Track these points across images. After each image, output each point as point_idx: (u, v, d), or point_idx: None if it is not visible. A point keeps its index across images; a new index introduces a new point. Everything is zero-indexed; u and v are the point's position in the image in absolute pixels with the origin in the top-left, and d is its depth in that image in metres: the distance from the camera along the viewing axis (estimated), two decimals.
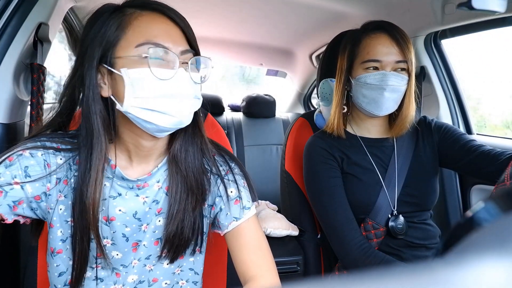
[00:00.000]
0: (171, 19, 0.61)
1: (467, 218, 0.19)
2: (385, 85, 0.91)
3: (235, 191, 0.73)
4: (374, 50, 0.93)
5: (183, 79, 0.60)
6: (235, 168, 0.75)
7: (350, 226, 0.94)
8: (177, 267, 0.74)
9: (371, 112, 0.96)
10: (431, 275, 0.15)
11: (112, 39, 0.58)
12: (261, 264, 0.69)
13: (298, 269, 1.19)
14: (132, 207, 0.67)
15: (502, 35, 1.38)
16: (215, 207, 0.73)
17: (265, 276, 0.67)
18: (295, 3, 1.46)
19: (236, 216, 0.71)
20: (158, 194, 0.69)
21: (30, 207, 0.63)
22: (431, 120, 1.06)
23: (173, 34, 0.61)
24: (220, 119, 2.35)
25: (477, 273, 0.14)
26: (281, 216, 1.32)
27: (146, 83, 0.58)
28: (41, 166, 0.62)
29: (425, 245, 0.98)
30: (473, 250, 0.17)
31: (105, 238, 0.67)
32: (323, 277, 1.17)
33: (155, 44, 0.58)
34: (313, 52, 2.11)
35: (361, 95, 0.96)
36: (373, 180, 0.99)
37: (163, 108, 0.59)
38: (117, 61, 0.58)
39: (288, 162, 1.28)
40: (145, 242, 0.69)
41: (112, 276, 0.69)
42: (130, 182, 0.67)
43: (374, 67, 0.93)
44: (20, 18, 0.87)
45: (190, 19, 1.04)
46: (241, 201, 0.72)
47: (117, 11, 0.60)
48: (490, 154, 0.90)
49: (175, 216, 0.67)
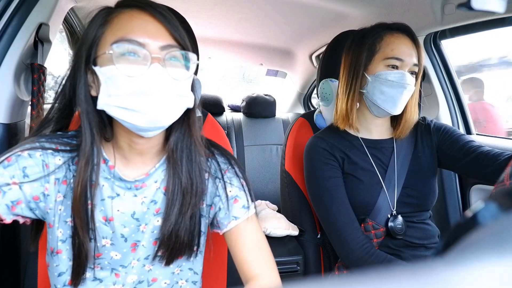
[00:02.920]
0: (151, 14, 0.59)
1: (467, 218, 0.19)
2: (405, 83, 0.92)
3: (234, 190, 0.72)
4: (398, 49, 0.92)
5: (157, 75, 0.57)
6: (234, 167, 0.75)
7: (352, 226, 0.94)
8: (176, 267, 0.74)
9: (386, 109, 0.95)
10: (430, 275, 0.15)
11: (94, 38, 0.59)
12: (262, 263, 0.69)
13: (298, 269, 1.19)
14: (130, 208, 0.67)
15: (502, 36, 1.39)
16: (214, 207, 0.73)
17: (266, 275, 0.67)
18: (295, 3, 1.47)
19: (235, 215, 0.71)
20: (156, 194, 0.69)
21: (29, 207, 0.63)
22: (430, 121, 1.06)
23: (150, 29, 0.58)
24: (220, 119, 2.35)
25: (477, 273, 0.15)
26: (281, 216, 1.32)
27: (117, 81, 0.56)
28: (40, 167, 0.62)
29: (424, 245, 0.98)
30: (473, 250, 0.17)
31: (104, 238, 0.67)
32: (323, 277, 1.17)
33: (128, 40, 0.56)
34: (313, 52, 2.11)
35: (379, 92, 0.94)
36: (373, 181, 0.99)
37: (134, 106, 0.56)
38: (97, 60, 0.59)
39: (288, 162, 1.28)
40: (144, 242, 0.69)
41: (112, 277, 0.69)
42: (128, 183, 0.67)
43: (395, 65, 0.93)
44: (20, 19, 0.87)
45: (190, 19, 1.04)
46: (240, 200, 0.72)
47: (102, 11, 0.61)
48: (489, 154, 0.90)
49: (172, 217, 0.66)
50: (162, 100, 0.58)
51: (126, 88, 0.56)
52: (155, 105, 0.58)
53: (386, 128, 1.05)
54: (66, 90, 0.64)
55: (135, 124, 0.58)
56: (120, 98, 0.57)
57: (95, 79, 0.60)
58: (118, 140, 0.65)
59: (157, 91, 0.57)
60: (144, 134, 0.62)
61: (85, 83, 0.60)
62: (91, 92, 0.61)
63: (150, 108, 0.57)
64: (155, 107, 0.58)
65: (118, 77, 0.56)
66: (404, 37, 0.94)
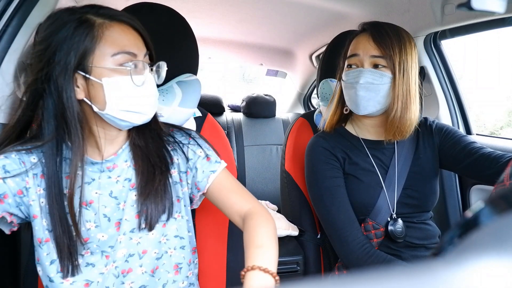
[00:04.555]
0: (134, 28, 0.69)
1: (467, 218, 0.19)
2: (356, 83, 0.92)
3: (202, 151, 0.81)
4: (353, 47, 0.96)
5: (152, 81, 0.71)
6: (195, 136, 0.84)
7: (352, 226, 0.94)
8: (162, 236, 0.77)
9: (353, 111, 0.97)
10: (430, 275, 0.15)
11: (87, 48, 0.64)
12: (249, 201, 0.79)
13: (298, 269, 1.19)
14: (107, 187, 0.74)
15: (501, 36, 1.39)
16: (190, 171, 0.81)
17: (258, 208, 0.77)
18: (295, 3, 1.47)
19: (211, 169, 0.80)
20: (128, 172, 0.76)
21: (16, 203, 0.68)
22: (432, 121, 1.06)
23: (138, 42, 0.69)
24: (220, 119, 2.35)
25: (477, 273, 0.15)
26: (281, 216, 1.32)
27: (125, 89, 0.67)
28: (17, 164, 0.68)
29: (424, 245, 0.98)
30: (473, 250, 0.17)
31: (88, 221, 0.72)
32: (323, 277, 1.17)
33: (128, 53, 0.66)
34: (313, 52, 2.11)
35: (346, 94, 0.98)
36: (373, 181, 0.99)
37: (138, 108, 0.69)
38: (95, 69, 0.65)
39: (288, 162, 1.28)
40: (127, 216, 0.74)
41: (103, 259, 0.73)
42: (100, 165, 0.73)
43: (355, 64, 0.94)
44: (20, 19, 0.87)
45: (190, 19, 1.04)
46: (212, 157, 0.81)
47: (85, 22, 0.65)
48: (490, 156, 0.90)
49: (145, 188, 0.74)
50: (155, 100, 0.73)
51: (134, 94, 0.68)
52: (152, 106, 0.72)
53: (383, 128, 1.04)
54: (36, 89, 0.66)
55: (133, 123, 0.70)
56: (126, 103, 0.67)
57: (81, 84, 0.66)
58: (91, 134, 0.72)
59: (153, 94, 0.71)
60: (124, 128, 0.73)
61: (73, 88, 0.65)
62: (77, 95, 0.66)
63: (149, 109, 0.71)
64: (152, 108, 0.72)
65: (127, 86, 0.67)
66: (364, 35, 0.94)
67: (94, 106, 0.67)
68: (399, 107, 0.91)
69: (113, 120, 0.69)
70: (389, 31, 0.92)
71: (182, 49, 1.02)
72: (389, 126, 0.94)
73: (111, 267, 0.73)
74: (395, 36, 0.91)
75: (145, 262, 0.75)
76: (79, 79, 0.66)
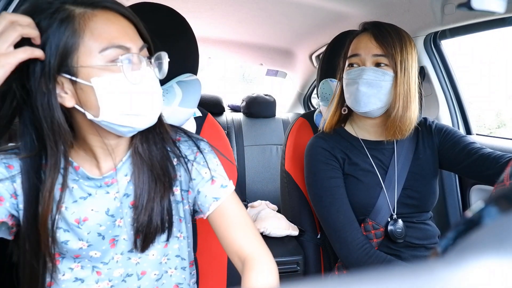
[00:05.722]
0: (124, 15, 0.58)
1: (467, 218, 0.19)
2: (359, 78, 0.92)
3: (208, 171, 0.71)
4: (354, 46, 0.96)
5: (151, 77, 0.60)
6: (204, 148, 0.74)
7: (352, 227, 0.94)
8: (163, 256, 0.74)
9: (353, 108, 0.97)
10: (430, 275, 0.15)
11: (69, 46, 0.53)
12: (251, 241, 0.68)
13: (298, 269, 1.19)
14: (104, 205, 0.67)
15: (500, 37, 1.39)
16: (192, 191, 0.72)
17: (260, 253, 0.67)
18: (295, 3, 1.47)
19: (215, 196, 0.70)
20: (128, 188, 0.68)
21: (13, 205, 0.63)
22: (432, 122, 1.06)
23: (129, 32, 0.58)
24: (220, 119, 2.35)
25: (477, 272, 0.15)
26: (281, 216, 1.32)
27: (120, 90, 0.56)
28: (3, 167, 0.62)
29: (424, 245, 0.98)
30: (473, 249, 0.17)
31: (80, 240, 0.66)
32: (323, 277, 1.17)
33: (118, 46, 0.55)
34: (313, 52, 2.11)
35: (346, 92, 0.98)
36: (373, 182, 0.99)
37: (138, 110, 0.58)
38: (81, 70, 0.54)
39: (288, 162, 1.28)
40: (125, 236, 0.69)
41: (93, 275, 0.68)
42: (97, 181, 0.66)
43: (356, 63, 0.95)
44: None
45: (190, 19, 1.04)
46: (217, 180, 0.72)
47: (61, 12, 0.54)
48: (490, 157, 0.90)
49: (145, 206, 0.66)
50: (158, 99, 0.61)
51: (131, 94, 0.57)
52: (154, 106, 0.61)
53: (383, 128, 1.04)
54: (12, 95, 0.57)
55: (135, 127, 0.60)
56: (123, 106, 0.57)
57: (69, 89, 0.57)
58: (86, 144, 0.64)
59: (154, 91, 0.60)
60: (127, 135, 0.63)
61: (56, 94, 0.56)
62: (63, 102, 0.57)
63: (151, 110, 0.60)
64: (155, 108, 0.61)
65: (122, 86, 0.56)
66: (365, 35, 0.94)
67: (87, 113, 0.57)
68: (400, 106, 0.91)
69: (111, 127, 0.59)
70: (390, 30, 0.92)
71: (182, 49, 1.02)
72: (390, 125, 0.94)
73: (106, 285, 0.69)
74: (396, 35, 0.91)
75: (143, 284, 0.71)
76: (65, 84, 0.56)
